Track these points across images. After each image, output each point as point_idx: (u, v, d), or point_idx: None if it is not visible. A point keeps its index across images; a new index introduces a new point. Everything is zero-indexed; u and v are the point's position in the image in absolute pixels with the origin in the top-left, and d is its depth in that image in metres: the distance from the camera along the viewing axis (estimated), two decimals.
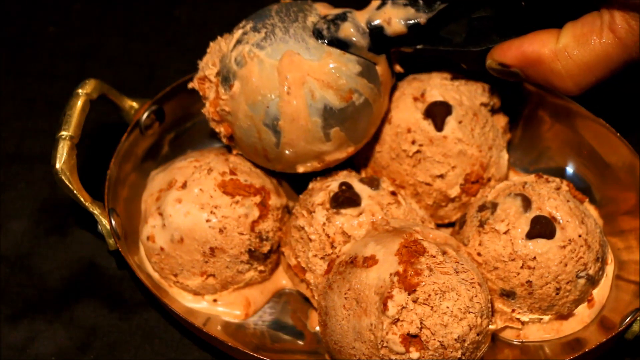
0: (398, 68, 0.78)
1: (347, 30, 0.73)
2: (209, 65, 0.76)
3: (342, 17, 0.74)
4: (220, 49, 0.75)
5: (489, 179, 0.80)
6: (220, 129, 0.77)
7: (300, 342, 0.77)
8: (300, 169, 0.77)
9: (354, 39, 0.73)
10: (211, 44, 0.77)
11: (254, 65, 0.73)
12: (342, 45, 0.74)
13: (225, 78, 0.74)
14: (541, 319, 0.75)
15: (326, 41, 0.73)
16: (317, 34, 0.74)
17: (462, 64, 0.79)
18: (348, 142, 0.76)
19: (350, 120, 0.74)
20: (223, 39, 0.76)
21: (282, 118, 0.73)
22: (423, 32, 0.74)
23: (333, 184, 0.77)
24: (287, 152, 0.75)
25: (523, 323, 0.75)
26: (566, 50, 0.70)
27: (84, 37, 0.99)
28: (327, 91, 0.73)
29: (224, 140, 0.78)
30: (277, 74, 0.72)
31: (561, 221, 0.73)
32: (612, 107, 0.83)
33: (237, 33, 0.75)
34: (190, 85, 0.77)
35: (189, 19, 1.00)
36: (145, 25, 1.00)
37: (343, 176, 0.78)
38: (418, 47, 0.75)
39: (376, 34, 0.74)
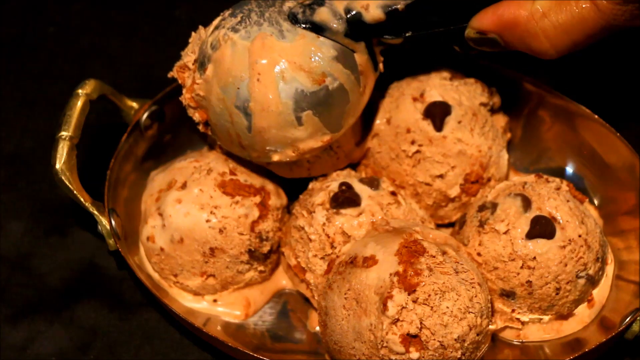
0: (381, 67, 0.77)
1: (323, 15, 0.73)
2: (188, 53, 0.75)
3: (319, 2, 0.73)
4: (200, 37, 0.75)
5: (488, 179, 0.80)
6: (196, 115, 0.76)
7: (300, 342, 0.77)
8: (275, 157, 0.75)
9: (329, 23, 0.73)
10: (193, 33, 0.76)
11: (227, 48, 0.72)
12: (318, 29, 0.73)
13: (201, 63, 0.74)
14: (541, 319, 0.75)
15: (301, 25, 0.73)
16: (292, 18, 0.73)
17: (455, 47, 0.77)
18: (323, 129, 0.74)
19: (324, 105, 0.73)
20: (205, 28, 0.76)
21: (252, 100, 0.72)
22: (405, 18, 0.73)
23: (333, 184, 0.76)
24: (259, 137, 0.73)
25: (523, 323, 0.75)
26: (542, 10, 0.69)
27: (84, 37, 0.99)
28: (298, 73, 0.72)
29: (200, 127, 0.77)
30: (248, 55, 0.72)
31: (561, 221, 0.73)
32: (612, 107, 0.83)
33: (217, 20, 0.75)
34: (170, 74, 0.77)
35: (189, 19, 1.00)
36: (145, 26, 1.00)
37: (343, 176, 0.78)
38: (407, 34, 0.74)
39: (354, 20, 0.73)
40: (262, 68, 0.71)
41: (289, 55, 0.72)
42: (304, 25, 0.73)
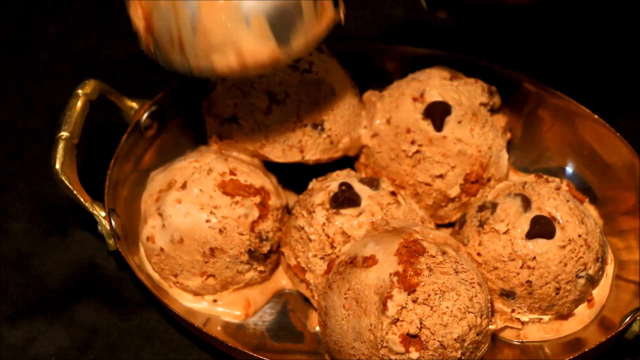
0: (342, 15, 0.74)
1: None
2: None
3: None
4: None
5: (488, 179, 0.80)
6: (138, 10, 0.72)
7: (300, 343, 0.77)
8: (217, 63, 0.71)
9: None
10: None
11: None
12: None
13: None
14: (541, 319, 0.75)
15: None
16: None
17: (422, 1, 0.75)
18: (270, 37, 0.70)
19: (274, 8, 0.70)
20: None
21: None
22: None
23: (333, 184, 0.77)
24: (202, 35, 0.70)
25: (523, 323, 0.75)
26: None
27: (84, 37, 0.99)
28: None
29: (141, 27, 0.73)
30: None
31: (561, 221, 0.73)
32: (612, 107, 0.83)
33: None
34: None
35: None
36: None
37: (343, 176, 0.78)
38: None
39: None
40: None
41: None
42: None
